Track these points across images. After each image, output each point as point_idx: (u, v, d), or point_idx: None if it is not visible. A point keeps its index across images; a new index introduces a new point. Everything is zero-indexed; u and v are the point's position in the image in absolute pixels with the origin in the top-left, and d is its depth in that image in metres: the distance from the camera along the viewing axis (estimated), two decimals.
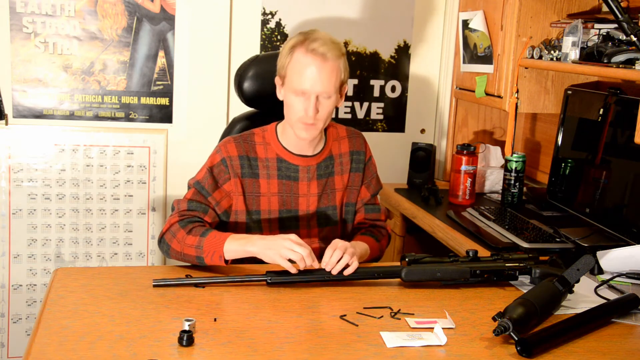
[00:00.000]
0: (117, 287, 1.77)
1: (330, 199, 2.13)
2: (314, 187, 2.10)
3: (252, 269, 1.92)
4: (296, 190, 2.09)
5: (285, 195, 2.08)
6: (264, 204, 2.07)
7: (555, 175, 2.67)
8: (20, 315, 3.10)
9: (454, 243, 2.45)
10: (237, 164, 2.04)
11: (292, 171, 2.08)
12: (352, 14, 3.29)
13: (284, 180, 2.07)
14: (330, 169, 2.12)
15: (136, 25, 3.05)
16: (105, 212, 3.12)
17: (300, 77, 1.95)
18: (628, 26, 2.10)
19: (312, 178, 2.10)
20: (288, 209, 2.08)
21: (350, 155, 2.16)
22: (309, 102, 1.95)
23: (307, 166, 2.09)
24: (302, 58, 1.95)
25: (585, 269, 1.72)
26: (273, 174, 2.07)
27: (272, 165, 2.07)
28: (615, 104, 2.36)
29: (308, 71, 1.94)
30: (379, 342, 1.53)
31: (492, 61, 2.91)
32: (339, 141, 2.16)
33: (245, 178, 2.05)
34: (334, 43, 1.97)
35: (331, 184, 2.13)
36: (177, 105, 3.15)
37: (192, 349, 1.46)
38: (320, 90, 1.95)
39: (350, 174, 2.15)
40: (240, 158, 2.05)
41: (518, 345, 1.50)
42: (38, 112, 3.04)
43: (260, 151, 2.07)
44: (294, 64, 1.97)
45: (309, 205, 2.10)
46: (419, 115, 3.46)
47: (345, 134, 2.18)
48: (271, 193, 2.07)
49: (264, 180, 2.06)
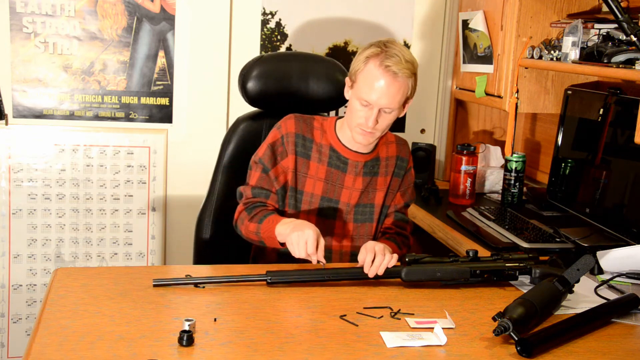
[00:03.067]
0: (117, 287, 1.77)
1: (370, 197, 2.18)
2: (359, 182, 2.15)
3: (252, 269, 1.93)
4: (342, 182, 2.14)
5: (331, 183, 2.14)
6: (309, 186, 2.13)
7: (555, 175, 2.67)
8: (20, 315, 3.10)
9: (454, 243, 2.45)
10: (292, 141, 2.12)
11: (342, 162, 2.14)
12: (352, 14, 3.29)
13: (333, 168, 2.14)
14: (375, 169, 2.18)
15: (136, 25, 3.05)
16: (105, 212, 3.12)
17: (368, 88, 1.99)
18: (628, 26, 2.11)
19: (359, 173, 2.15)
20: (330, 197, 2.14)
21: (395, 159, 2.21)
22: (371, 113, 2.01)
23: (356, 161, 2.15)
24: (374, 71, 1.99)
25: (585, 269, 1.72)
26: (324, 160, 2.13)
27: (324, 152, 2.14)
28: (615, 104, 2.36)
29: (377, 85, 1.99)
30: (379, 342, 1.53)
31: (492, 61, 2.91)
32: (387, 145, 2.21)
33: (298, 156, 2.12)
34: (408, 62, 2.00)
35: (374, 183, 2.18)
36: (177, 105, 3.15)
37: (192, 349, 1.46)
38: (384, 105, 2.00)
39: (392, 177, 2.21)
40: (297, 136, 2.12)
41: (518, 345, 1.50)
42: (38, 112, 3.04)
43: (317, 135, 2.14)
44: (366, 73, 2.01)
45: (351, 199, 2.15)
46: (419, 115, 3.46)
47: (393, 139, 2.24)
48: (318, 177, 2.13)
49: (314, 163, 2.13)
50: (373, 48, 2.02)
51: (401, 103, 2.04)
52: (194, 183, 3.14)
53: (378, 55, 2.00)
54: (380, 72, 1.98)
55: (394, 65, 1.97)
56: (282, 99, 2.45)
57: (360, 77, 2.02)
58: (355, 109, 2.04)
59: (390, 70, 1.98)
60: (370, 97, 1.99)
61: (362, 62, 2.02)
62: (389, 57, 1.98)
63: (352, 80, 2.07)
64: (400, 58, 1.98)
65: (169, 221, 3.21)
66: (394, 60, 1.98)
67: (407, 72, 2.00)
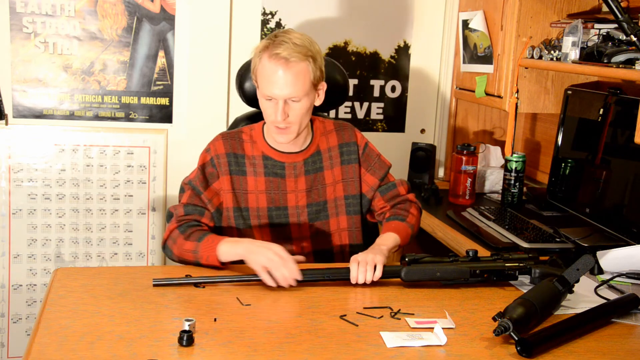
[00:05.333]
0: (117, 287, 1.77)
1: (320, 194, 2.12)
2: (302, 182, 2.10)
3: (252, 269, 1.92)
4: (284, 187, 2.09)
5: (273, 192, 2.09)
6: (252, 201, 2.08)
7: (555, 175, 2.67)
8: (20, 315, 3.10)
9: (454, 243, 2.45)
10: (224, 162, 2.07)
11: (279, 168, 2.09)
12: (352, 14, 3.29)
13: (271, 177, 2.08)
14: (318, 164, 2.12)
15: (136, 25, 3.05)
16: (105, 212, 3.12)
17: (267, 82, 1.96)
18: (628, 26, 2.10)
19: (300, 174, 2.10)
20: (277, 205, 2.09)
21: (339, 148, 2.15)
22: (277, 107, 1.96)
23: (294, 163, 2.10)
24: (267, 63, 1.95)
25: (585, 269, 1.72)
26: (260, 172, 2.08)
27: (258, 163, 2.08)
28: (615, 104, 2.36)
29: (273, 77, 1.94)
30: (379, 342, 1.53)
31: (492, 61, 2.91)
32: (326, 135, 2.16)
33: (233, 175, 2.07)
34: (298, 46, 1.94)
35: (321, 179, 2.12)
36: (177, 105, 3.15)
37: (192, 349, 1.46)
38: (287, 94, 1.95)
39: (342, 167, 2.14)
40: (227, 155, 2.07)
41: (518, 345, 1.50)
42: (38, 112, 3.04)
43: (247, 149, 2.09)
44: (261, 68, 1.97)
45: (298, 201, 2.10)
46: (419, 115, 3.46)
47: (332, 127, 2.17)
48: (259, 190, 2.08)
49: (251, 177, 2.08)
50: (264, 41, 1.99)
51: (306, 89, 1.96)
52: None
53: (268, 47, 1.96)
54: (273, 63, 1.93)
55: (284, 52, 1.92)
56: None
57: (258, 74, 1.98)
58: (263, 108, 2.00)
59: (281, 58, 1.92)
60: (271, 90, 1.95)
61: (257, 57, 1.98)
62: (278, 46, 1.93)
63: (255, 80, 2.02)
64: (289, 44, 1.93)
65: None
66: (283, 47, 1.93)
67: (299, 56, 1.93)
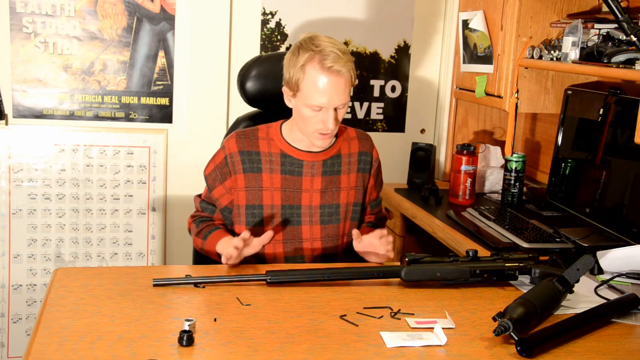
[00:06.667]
0: (117, 287, 1.77)
1: (334, 197, 2.13)
2: (318, 182, 2.11)
3: (252, 269, 1.93)
4: (299, 186, 2.10)
5: (289, 190, 2.09)
6: (267, 198, 2.08)
7: (555, 175, 2.67)
8: (20, 315, 3.10)
9: (454, 243, 2.45)
10: (237, 160, 2.08)
11: (296, 166, 2.10)
12: (352, 14, 3.29)
13: (287, 175, 2.09)
14: (337, 167, 2.14)
15: (136, 25, 3.05)
16: (105, 212, 3.12)
17: (318, 94, 1.96)
18: (628, 26, 2.10)
19: (317, 174, 2.11)
20: (290, 204, 2.10)
21: (358, 155, 2.18)
22: (328, 116, 1.98)
23: (312, 162, 2.10)
24: (318, 75, 1.95)
25: (585, 269, 1.72)
26: (276, 169, 2.09)
27: (275, 160, 2.09)
28: (615, 104, 2.36)
29: (325, 88, 1.95)
30: (379, 342, 1.53)
31: (492, 61, 2.91)
32: (348, 141, 2.18)
33: (247, 173, 2.08)
34: (344, 54, 1.97)
35: (337, 182, 2.14)
36: (177, 105, 3.15)
37: (192, 349, 1.46)
38: (337, 103, 1.98)
39: (357, 174, 2.17)
40: (241, 154, 2.09)
41: (518, 345, 1.50)
42: (38, 112, 3.04)
43: (263, 146, 2.10)
44: (309, 80, 1.96)
45: (312, 201, 2.11)
46: (419, 115, 3.46)
47: (355, 135, 2.21)
48: (274, 188, 2.09)
49: (266, 174, 2.09)
50: (305, 54, 1.96)
51: (350, 92, 2.02)
52: (194, 183, 3.13)
53: (313, 58, 1.95)
54: (325, 74, 1.94)
55: (335, 64, 1.94)
56: (280, 99, 2.44)
57: (304, 85, 1.97)
58: (307, 116, 2.00)
59: (333, 70, 1.94)
60: (322, 101, 1.96)
61: (300, 70, 1.97)
62: (326, 58, 1.94)
63: (292, 90, 2.01)
64: (336, 54, 1.95)
65: (169, 221, 3.21)
66: (332, 58, 1.94)
67: (349, 64, 1.97)
